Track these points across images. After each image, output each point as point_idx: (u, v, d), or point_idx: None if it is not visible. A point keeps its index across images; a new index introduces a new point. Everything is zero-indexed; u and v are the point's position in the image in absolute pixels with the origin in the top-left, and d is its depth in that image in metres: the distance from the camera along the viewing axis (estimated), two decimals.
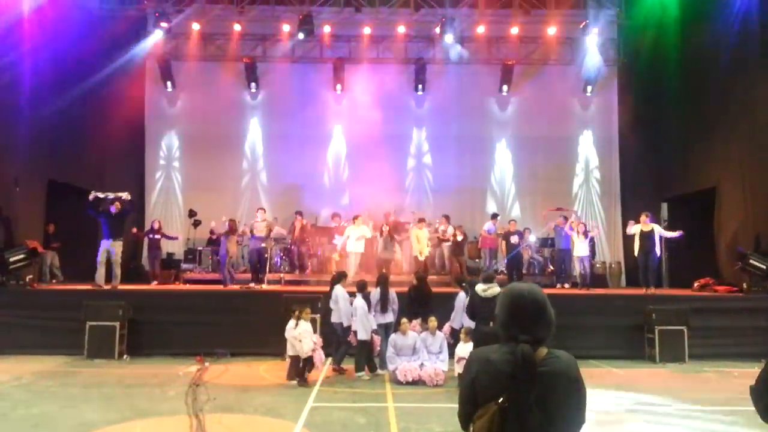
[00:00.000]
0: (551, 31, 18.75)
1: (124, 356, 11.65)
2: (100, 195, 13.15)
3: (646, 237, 13.50)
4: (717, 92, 15.42)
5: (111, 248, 12.96)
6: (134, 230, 15.90)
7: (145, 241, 16.24)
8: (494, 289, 8.39)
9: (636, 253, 13.75)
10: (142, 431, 6.99)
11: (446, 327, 10.54)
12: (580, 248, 14.46)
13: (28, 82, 14.27)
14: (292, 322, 9.90)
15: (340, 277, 11.00)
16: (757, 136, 14.09)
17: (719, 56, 15.30)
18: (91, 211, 13.17)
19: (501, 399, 2.31)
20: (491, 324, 8.21)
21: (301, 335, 9.60)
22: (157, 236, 15.17)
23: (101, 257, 13.06)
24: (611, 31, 19.46)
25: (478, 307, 8.31)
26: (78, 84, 15.97)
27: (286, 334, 9.84)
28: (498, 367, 2.38)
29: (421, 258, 14.75)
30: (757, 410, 3.24)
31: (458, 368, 9.41)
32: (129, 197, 13.66)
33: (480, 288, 8.46)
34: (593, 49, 18.72)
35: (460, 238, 14.53)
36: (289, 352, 9.93)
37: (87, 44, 16.88)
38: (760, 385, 3.23)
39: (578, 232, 14.45)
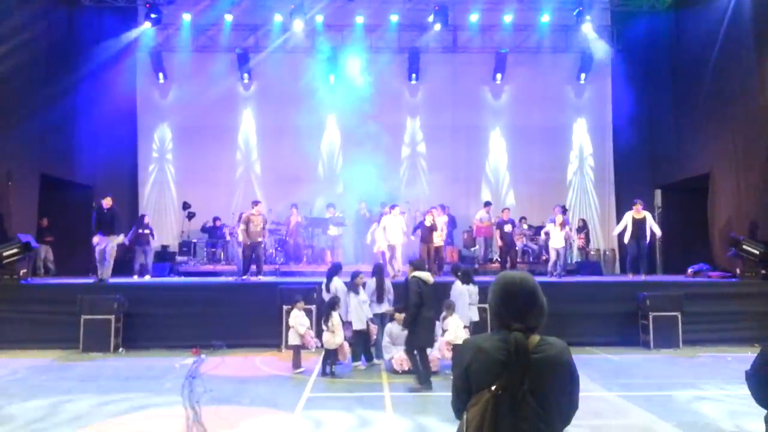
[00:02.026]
0: (545, 18, 18.69)
1: (120, 349, 11.64)
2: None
3: (638, 224, 13.53)
4: (711, 79, 15.43)
5: (107, 240, 12.97)
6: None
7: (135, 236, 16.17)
8: (431, 277, 8.99)
9: (627, 240, 13.78)
10: (138, 424, 7.00)
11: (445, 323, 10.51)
12: (556, 240, 14.45)
13: (18, 76, 14.17)
14: (296, 312, 9.95)
15: (336, 270, 10.98)
16: (750, 123, 14.11)
17: (713, 43, 15.30)
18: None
19: (494, 386, 2.32)
20: (434, 311, 8.98)
21: (335, 327, 9.61)
22: (147, 231, 15.11)
23: (98, 255, 13.08)
24: (605, 18, 19.42)
25: (425, 294, 8.60)
26: (69, 77, 15.86)
27: (292, 322, 9.89)
28: (491, 354, 2.39)
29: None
30: (752, 395, 3.27)
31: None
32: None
33: (426, 275, 8.81)
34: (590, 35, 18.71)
35: (429, 223, 14.02)
36: (291, 341, 9.97)
37: (78, 36, 16.78)
38: (755, 371, 3.26)
39: (556, 223, 14.45)
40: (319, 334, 10.00)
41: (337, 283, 10.62)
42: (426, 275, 8.80)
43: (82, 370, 10.12)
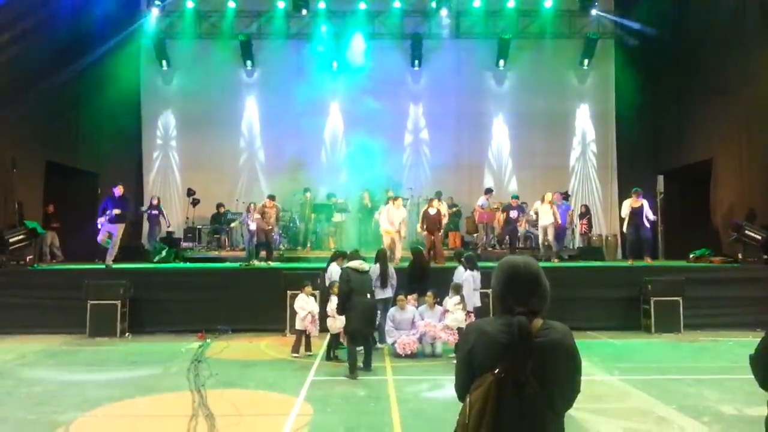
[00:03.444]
0: (548, 4, 18.60)
1: (126, 334, 11.75)
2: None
3: (637, 212, 13.57)
4: (714, 65, 15.38)
5: (115, 227, 13.08)
6: None
7: (144, 217, 16.29)
8: (365, 265, 9.09)
9: (625, 228, 13.84)
10: (145, 408, 7.09)
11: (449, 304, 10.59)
12: (545, 218, 14.51)
13: (23, 64, 14.17)
14: (300, 296, 10.04)
15: (337, 255, 11.06)
16: (753, 108, 14.09)
17: (716, 28, 15.26)
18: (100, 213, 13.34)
19: (497, 370, 2.35)
20: (368, 296, 8.99)
21: (334, 311, 9.69)
22: (155, 212, 15.21)
23: (103, 237, 13.19)
24: (608, 3, 19.33)
25: (356, 281, 8.72)
26: (73, 64, 15.85)
27: (296, 307, 10.00)
28: (494, 338, 2.39)
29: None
30: (756, 379, 3.29)
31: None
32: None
33: (357, 263, 8.93)
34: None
35: (433, 211, 13.95)
36: (297, 326, 10.07)
37: (81, 24, 16.76)
38: (760, 354, 3.28)
39: (543, 201, 14.51)
40: (324, 319, 10.09)
41: (333, 269, 10.71)
42: (357, 264, 8.94)
43: (89, 354, 10.22)
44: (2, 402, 7.26)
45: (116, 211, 13.00)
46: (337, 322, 9.67)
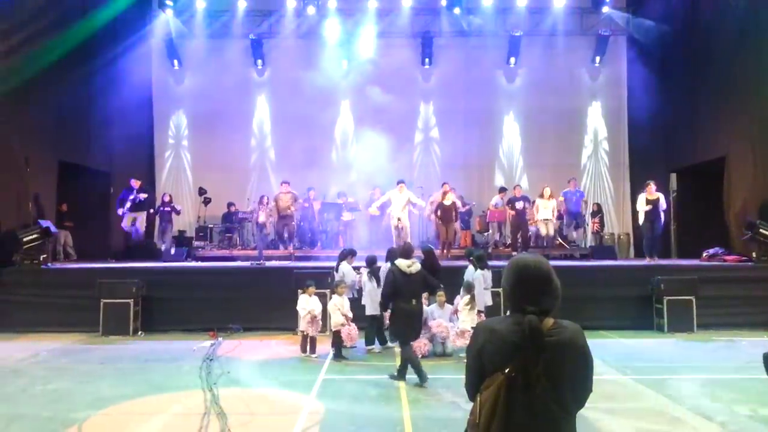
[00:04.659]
0: (559, 1, 18.51)
1: (139, 332, 11.83)
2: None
3: (652, 205, 13.49)
4: (727, 61, 15.22)
5: (136, 216, 13.19)
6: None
7: (157, 217, 16.38)
8: (417, 265, 8.11)
9: (641, 222, 13.76)
10: (157, 406, 7.13)
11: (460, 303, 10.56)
12: (544, 212, 14.55)
13: (35, 64, 14.26)
14: (301, 296, 10.07)
15: (346, 254, 11.07)
16: (767, 105, 13.94)
17: (729, 24, 15.10)
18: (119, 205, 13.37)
19: (508, 369, 2.34)
20: (413, 302, 8.01)
21: (330, 309, 9.70)
22: (168, 209, 15.31)
23: (126, 222, 13.28)
24: (620, 0, 19.23)
25: (400, 284, 7.90)
26: (85, 64, 15.95)
27: (297, 308, 10.05)
28: (505, 337, 2.39)
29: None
30: None
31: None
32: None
33: (404, 264, 8.02)
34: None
35: (448, 202, 13.85)
36: (299, 326, 10.12)
37: (93, 24, 16.87)
38: None
39: (543, 195, 14.51)
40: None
41: (344, 267, 10.72)
42: (404, 264, 7.98)
43: (102, 353, 10.28)
44: (17, 400, 7.34)
45: (143, 195, 13.15)
46: (332, 320, 9.71)
